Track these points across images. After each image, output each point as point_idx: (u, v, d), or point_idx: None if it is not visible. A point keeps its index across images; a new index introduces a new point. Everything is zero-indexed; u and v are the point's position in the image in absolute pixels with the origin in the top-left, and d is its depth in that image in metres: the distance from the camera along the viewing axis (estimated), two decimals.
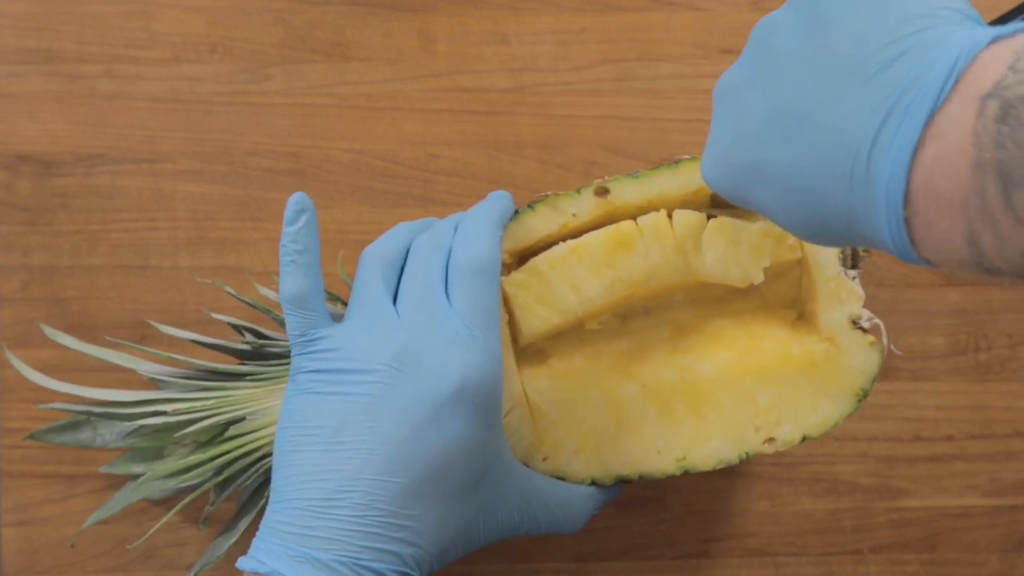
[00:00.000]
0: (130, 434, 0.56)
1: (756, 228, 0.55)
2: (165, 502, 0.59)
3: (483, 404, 0.51)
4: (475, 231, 0.53)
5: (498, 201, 0.55)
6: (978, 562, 0.64)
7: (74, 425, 0.57)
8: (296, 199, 0.51)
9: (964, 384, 0.65)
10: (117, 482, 0.61)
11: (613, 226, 0.55)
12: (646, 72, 0.66)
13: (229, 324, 0.58)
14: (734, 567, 0.64)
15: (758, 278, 0.56)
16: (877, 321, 0.56)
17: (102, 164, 0.65)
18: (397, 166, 0.65)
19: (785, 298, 0.58)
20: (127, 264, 0.64)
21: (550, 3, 0.66)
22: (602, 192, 0.56)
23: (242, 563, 0.49)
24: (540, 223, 0.56)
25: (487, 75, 0.66)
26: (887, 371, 0.65)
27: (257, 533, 0.50)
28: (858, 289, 0.56)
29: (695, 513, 0.64)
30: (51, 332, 0.58)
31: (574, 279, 0.55)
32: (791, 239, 0.56)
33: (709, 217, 0.56)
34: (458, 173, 0.65)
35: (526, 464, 0.54)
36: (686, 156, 0.57)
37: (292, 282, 0.51)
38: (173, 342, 0.60)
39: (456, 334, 0.51)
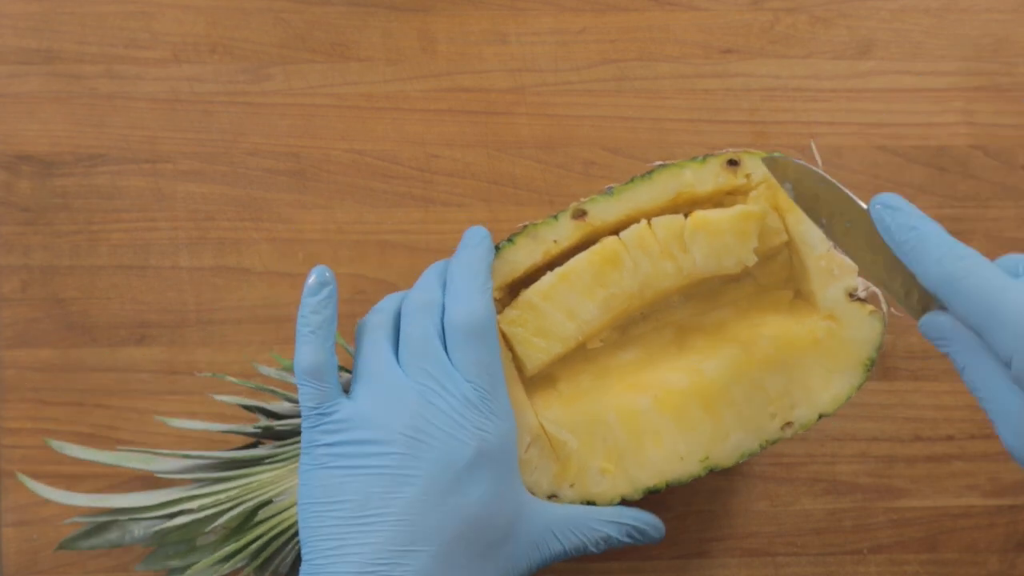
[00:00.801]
0: (159, 531, 0.55)
1: (734, 213, 0.55)
2: None
3: (500, 461, 0.51)
4: (465, 289, 0.53)
5: (479, 246, 0.54)
6: (978, 562, 0.64)
7: (102, 527, 0.56)
8: (319, 272, 0.52)
9: (964, 384, 0.65)
10: (118, 481, 0.62)
11: (597, 245, 0.55)
12: (646, 72, 0.66)
13: (239, 405, 0.57)
14: (734, 567, 0.64)
15: (751, 260, 0.55)
16: (874, 289, 0.55)
17: (102, 164, 0.65)
18: (397, 166, 0.65)
19: (779, 279, 0.58)
20: (127, 264, 0.64)
21: (550, 3, 0.66)
22: (579, 215, 0.56)
23: None
24: (523, 255, 0.56)
25: (487, 75, 0.66)
26: (887, 371, 0.65)
27: None
28: (849, 262, 0.55)
29: (695, 513, 0.64)
30: (58, 445, 0.56)
31: (568, 305, 0.55)
32: (773, 222, 0.56)
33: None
34: (458, 173, 0.65)
35: (554, 494, 0.54)
36: (658, 163, 0.56)
37: (310, 353, 0.51)
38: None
39: (466, 398, 0.51)
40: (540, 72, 0.66)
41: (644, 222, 0.55)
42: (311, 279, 0.51)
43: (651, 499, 0.64)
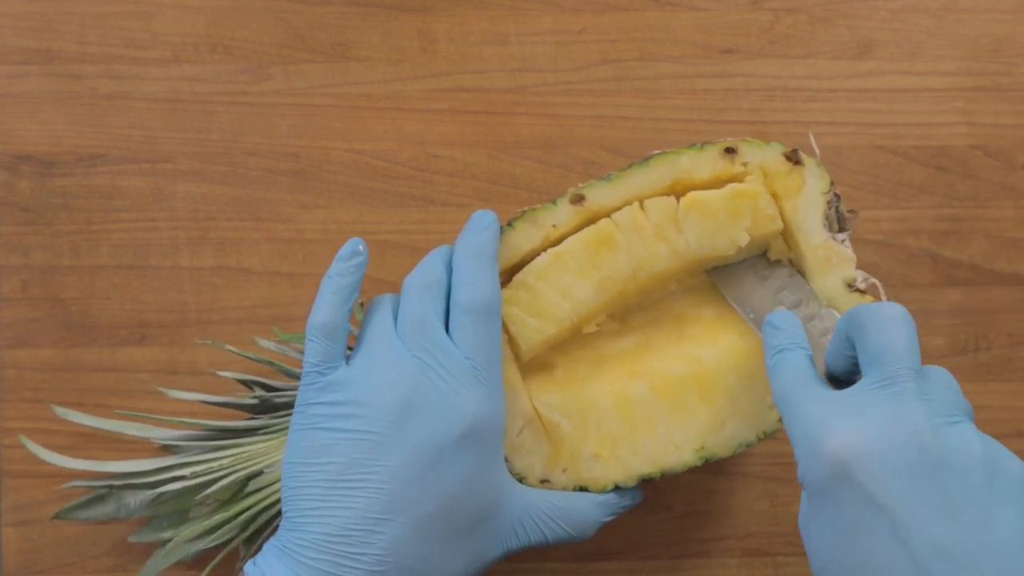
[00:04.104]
0: (153, 501, 0.56)
1: (726, 192, 0.55)
2: (197, 561, 0.59)
3: (487, 443, 0.51)
4: (473, 271, 0.53)
5: (486, 230, 0.54)
6: None
7: (98, 499, 0.57)
8: (355, 242, 0.53)
9: (964, 384, 0.65)
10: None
11: (591, 227, 0.55)
12: (646, 72, 0.66)
13: (236, 379, 0.58)
14: (734, 567, 0.64)
15: (743, 239, 0.55)
16: (873, 280, 0.55)
17: (102, 164, 0.65)
18: (397, 166, 0.65)
19: None
20: (127, 264, 0.64)
21: (550, 3, 0.66)
22: (577, 200, 0.56)
23: (249, 568, 0.50)
24: (523, 240, 0.56)
25: (487, 75, 0.66)
26: None
27: (268, 547, 0.50)
28: (848, 252, 0.55)
29: (695, 513, 0.64)
30: (62, 411, 0.59)
31: (563, 286, 0.55)
32: (768, 208, 0.56)
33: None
34: (458, 173, 0.65)
35: (546, 479, 0.54)
36: (656, 151, 0.57)
37: (327, 310, 0.52)
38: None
39: (464, 377, 0.51)
40: (540, 72, 0.66)
41: (636, 204, 0.55)
42: (345, 248, 0.53)
43: (651, 497, 0.64)
